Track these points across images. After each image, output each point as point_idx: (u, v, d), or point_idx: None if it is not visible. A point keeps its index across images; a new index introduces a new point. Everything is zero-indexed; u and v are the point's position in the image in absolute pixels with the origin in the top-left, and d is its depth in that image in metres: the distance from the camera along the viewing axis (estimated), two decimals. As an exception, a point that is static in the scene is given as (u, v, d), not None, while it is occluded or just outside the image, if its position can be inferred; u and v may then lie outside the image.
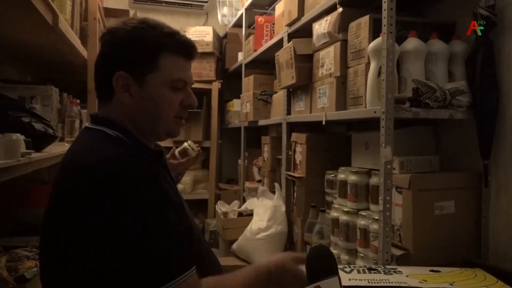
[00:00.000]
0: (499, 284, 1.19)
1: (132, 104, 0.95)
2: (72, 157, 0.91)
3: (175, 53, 0.98)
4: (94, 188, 0.82)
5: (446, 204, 1.52)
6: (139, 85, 0.95)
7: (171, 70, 0.97)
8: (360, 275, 1.27)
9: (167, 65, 0.96)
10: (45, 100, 1.92)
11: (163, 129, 1.01)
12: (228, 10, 4.02)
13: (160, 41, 0.96)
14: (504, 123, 1.50)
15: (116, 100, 0.96)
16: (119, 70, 0.94)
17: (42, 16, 1.25)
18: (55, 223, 0.86)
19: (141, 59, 0.95)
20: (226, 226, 2.73)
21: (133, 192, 0.82)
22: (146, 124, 0.99)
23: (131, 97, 0.95)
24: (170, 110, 0.99)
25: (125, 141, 0.94)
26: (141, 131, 0.99)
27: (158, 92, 0.96)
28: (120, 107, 0.96)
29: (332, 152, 2.21)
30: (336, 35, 1.83)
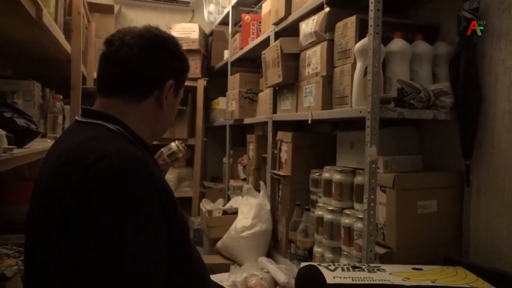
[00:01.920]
0: (479, 281, 1.22)
1: (163, 111, 1.04)
2: (76, 149, 0.87)
3: (188, 73, 1.13)
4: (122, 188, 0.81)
5: (428, 203, 1.55)
6: (175, 95, 1.07)
7: (183, 82, 1.11)
8: (344, 273, 1.28)
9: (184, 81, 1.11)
10: (27, 95, 1.89)
11: (162, 134, 1.12)
12: (215, 8, 4.00)
13: (187, 61, 1.11)
14: (485, 124, 1.53)
15: (147, 103, 1.00)
16: (170, 79, 1.02)
17: (25, 10, 1.22)
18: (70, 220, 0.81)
19: (184, 74, 1.10)
20: (211, 224, 2.72)
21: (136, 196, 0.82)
22: (161, 127, 1.09)
23: (165, 104, 1.03)
24: (174, 118, 1.14)
25: (126, 136, 0.95)
26: (152, 133, 1.06)
27: (177, 104, 1.12)
28: (148, 110, 1.01)
29: (318, 151, 2.22)
30: (323, 34, 1.84)
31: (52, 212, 0.83)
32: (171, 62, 1.03)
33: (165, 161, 1.86)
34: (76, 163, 0.84)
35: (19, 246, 1.62)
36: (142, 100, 1.00)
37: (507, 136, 1.45)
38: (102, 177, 0.80)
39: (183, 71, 1.08)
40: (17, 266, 1.44)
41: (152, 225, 0.83)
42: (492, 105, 1.51)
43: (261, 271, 2.08)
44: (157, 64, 1.01)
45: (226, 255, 2.50)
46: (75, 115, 2.19)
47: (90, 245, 0.78)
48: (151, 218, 0.83)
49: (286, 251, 2.24)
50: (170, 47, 1.04)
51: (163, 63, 1.01)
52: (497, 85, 1.49)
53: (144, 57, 0.99)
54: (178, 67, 1.06)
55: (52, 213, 0.83)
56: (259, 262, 2.18)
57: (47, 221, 0.84)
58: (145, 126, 1.01)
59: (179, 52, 1.07)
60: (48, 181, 0.87)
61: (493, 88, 1.51)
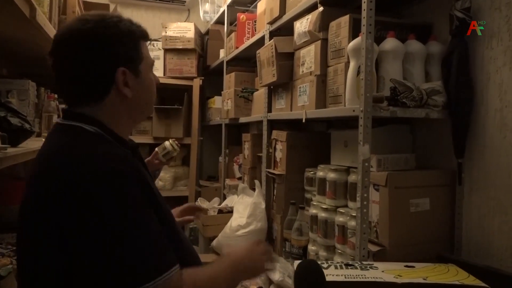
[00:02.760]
0: (470, 278, 1.23)
1: (132, 96, 0.99)
2: (52, 154, 0.90)
3: (144, 39, 1.05)
4: (79, 186, 0.82)
5: (421, 201, 1.56)
6: (135, 76, 1.00)
7: (148, 55, 1.05)
8: (337, 271, 1.29)
9: (145, 51, 1.04)
10: (21, 94, 1.89)
11: (151, 109, 1.10)
12: (210, 7, 4.00)
13: (136, 31, 1.01)
14: (477, 122, 1.55)
15: (111, 98, 0.97)
16: (119, 67, 0.96)
17: (19, 9, 1.23)
18: (38, 220, 0.85)
19: (134, 52, 1.00)
20: (206, 223, 2.73)
21: (118, 191, 0.84)
22: (139, 111, 1.06)
23: (130, 90, 0.99)
24: (155, 90, 1.08)
25: (104, 136, 0.95)
26: (131, 121, 1.05)
27: (148, 78, 1.04)
28: (115, 104, 0.98)
29: (312, 150, 2.23)
30: (316, 34, 1.85)
31: (31, 211, 0.87)
32: (106, 53, 0.95)
33: (160, 160, 1.87)
34: (45, 169, 0.88)
35: (13, 245, 1.63)
36: (104, 96, 0.97)
37: (499, 135, 1.46)
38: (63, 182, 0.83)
39: (129, 47, 0.98)
40: (11, 265, 1.45)
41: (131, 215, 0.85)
42: (484, 103, 1.52)
43: (256, 269, 2.09)
44: (92, 66, 0.94)
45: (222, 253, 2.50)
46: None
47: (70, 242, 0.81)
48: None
49: (281, 249, 2.25)
50: (99, 39, 0.94)
51: (98, 60, 0.94)
52: (488, 83, 1.51)
53: (74, 61, 0.95)
54: (120, 50, 0.96)
55: (32, 213, 0.86)
56: (254, 261, 2.19)
57: (29, 225, 0.87)
58: (122, 117, 1.00)
59: (117, 32, 0.96)
60: (27, 185, 0.91)
61: (484, 87, 1.52)
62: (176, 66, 3.85)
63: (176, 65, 3.84)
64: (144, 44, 1.04)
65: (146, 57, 1.03)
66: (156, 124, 3.82)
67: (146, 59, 1.03)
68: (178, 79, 3.85)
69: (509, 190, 1.43)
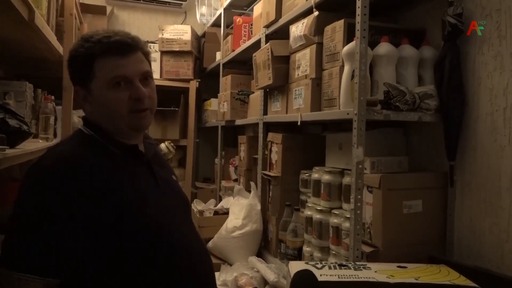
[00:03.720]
0: (461, 279, 1.25)
1: (92, 111, 1.09)
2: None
3: (107, 55, 1.04)
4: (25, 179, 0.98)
5: (414, 203, 1.58)
6: (89, 94, 1.07)
7: (105, 72, 1.04)
8: (331, 271, 1.31)
9: (101, 68, 1.04)
10: (19, 96, 1.90)
11: (124, 126, 1.07)
12: (207, 10, 4.02)
13: (91, 50, 1.04)
14: (469, 126, 1.57)
15: (86, 109, 1.12)
16: (75, 85, 1.10)
17: (18, 12, 1.24)
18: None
19: (80, 73, 1.07)
20: (202, 225, 2.74)
21: (38, 189, 0.95)
22: (108, 125, 1.08)
23: (90, 105, 1.09)
24: (119, 107, 1.05)
25: (95, 137, 1.07)
26: (110, 130, 1.09)
27: (102, 95, 1.05)
28: (88, 111, 1.12)
29: (307, 152, 2.26)
30: (312, 38, 1.88)
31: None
32: (69, 69, 1.12)
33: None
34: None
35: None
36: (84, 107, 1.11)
37: (489, 138, 1.49)
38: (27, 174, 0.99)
39: (80, 68, 1.07)
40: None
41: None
42: (475, 107, 1.55)
43: (251, 270, 2.11)
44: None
45: (217, 255, 2.52)
46: (67, 116, 2.21)
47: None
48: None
49: (276, 250, 2.27)
50: (69, 55, 1.10)
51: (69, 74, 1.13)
52: (480, 88, 1.53)
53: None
54: (73, 70, 1.10)
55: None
56: (249, 262, 2.21)
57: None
58: (103, 125, 1.09)
59: (73, 54, 1.09)
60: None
61: (476, 91, 1.55)
62: (172, 68, 3.86)
63: (172, 67, 3.86)
64: (103, 61, 1.04)
65: (99, 75, 1.04)
66: (152, 125, 3.82)
67: (99, 77, 1.04)
68: (174, 81, 3.87)
69: (500, 192, 1.45)
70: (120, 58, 1.05)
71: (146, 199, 1.04)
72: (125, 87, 1.04)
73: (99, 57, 1.04)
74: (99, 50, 1.04)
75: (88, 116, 1.12)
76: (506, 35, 1.44)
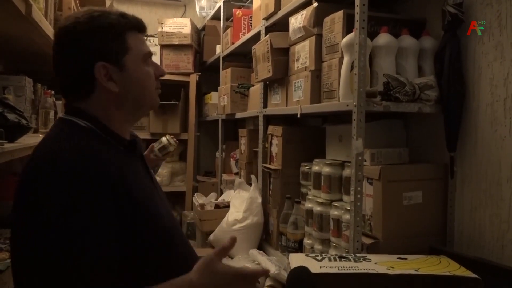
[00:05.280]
0: (461, 269, 1.25)
1: (119, 90, 0.96)
2: (37, 148, 0.91)
3: (135, 30, 1.00)
4: (39, 179, 0.82)
5: (414, 194, 1.58)
6: (120, 70, 0.96)
7: (139, 47, 1.00)
8: (330, 263, 1.31)
9: (134, 43, 0.99)
10: (18, 90, 1.90)
11: (150, 104, 1.04)
12: (206, 3, 4.00)
13: (121, 21, 0.97)
14: (469, 117, 1.57)
15: (98, 93, 0.96)
16: (97, 62, 0.93)
17: (14, 5, 1.23)
18: (14, 213, 0.85)
19: (114, 44, 0.96)
20: (203, 218, 2.75)
21: (66, 193, 0.80)
22: (134, 105, 1.01)
23: (116, 84, 0.96)
24: (152, 82, 1.03)
25: (95, 131, 0.95)
26: (126, 116, 1.01)
27: (138, 70, 0.99)
28: (104, 99, 0.97)
29: (308, 145, 2.25)
30: (311, 29, 1.86)
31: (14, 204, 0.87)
32: (84, 45, 0.94)
33: (157, 155, 1.87)
34: (29, 160, 0.89)
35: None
36: (91, 93, 0.96)
37: (489, 129, 1.48)
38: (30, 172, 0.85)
39: (107, 41, 0.95)
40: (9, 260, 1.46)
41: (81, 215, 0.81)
42: (476, 98, 1.54)
43: (252, 263, 2.12)
44: (71, 61, 0.95)
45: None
46: (66, 110, 2.21)
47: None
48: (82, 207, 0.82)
49: (277, 243, 2.28)
50: (79, 32, 0.94)
51: (76, 55, 0.94)
52: (480, 78, 1.52)
53: (58, 58, 0.97)
54: (97, 43, 0.94)
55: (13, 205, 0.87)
56: (250, 254, 2.22)
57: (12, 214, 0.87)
58: (113, 112, 0.98)
59: (92, 27, 0.95)
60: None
61: (476, 81, 1.54)
62: (172, 62, 3.85)
63: (172, 61, 3.85)
64: (134, 35, 0.99)
65: (135, 48, 0.98)
66: (153, 120, 3.83)
67: (135, 51, 0.98)
68: (174, 75, 3.85)
69: (500, 183, 1.45)
70: (142, 35, 1.03)
71: (151, 193, 1.00)
72: (150, 64, 1.03)
73: (130, 30, 0.98)
74: (129, 23, 0.99)
75: (97, 102, 0.96)
76: (506, 24, 1.43)
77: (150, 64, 1.03)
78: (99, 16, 0.96)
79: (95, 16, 0.95)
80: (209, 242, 2.62)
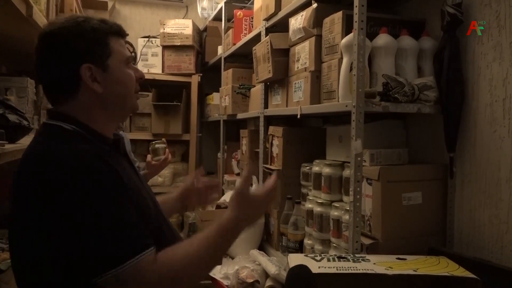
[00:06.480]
0: (460, 270, 1.25)
1: (103, 91, 1.01)
2: (30, 152, 0.96)
3: (116, 35, 1.06)
4: (50, 180, 0.88)
5: (413, 195, 1.58)
6: (104, 71, 1.01)
7: (121, 50, 1.05)
8: (329, 263, 1.32)
9: (116, 46, 1.04)
10: (20, 91, 1.91)
11: (130, 105, 1.09)
12: (208, 4, 4.01)
13: (103, 27, 1.03)
14: (468, 117, 1.57)
15: (82, 94, 1.00)
16: (83, 63, 0.98)
17: (15, 7, 1.25)
18: (20, 215, 0.91)
19: (98, 47, 1.01)
20: (204, 218, 2.76)
21: (85, 183, 0.88)
22: (116, 106, 1.06)
23: (100, 85, 1.00)
24: (132, 84, 1.08)
25: (81, 133, 0.99)
26: (109, 117, 1.06)
27: (121, 72, 1.04)
28: (88, 100, 1.01)
29: (308, 145, 2.26)
30: (311, 30, 1.87)
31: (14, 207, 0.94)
32: (71, 48, 0.99)
33: (154, 161, 1.95)
34: (20, 168, 0.95)
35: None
36: (76, 94, 1.00)
37: (489, 129, 1.48)
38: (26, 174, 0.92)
39: (92, 43, 1.00)
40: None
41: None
42: (475, 98, 1.54)
43: (253, 263, 2.12)
44: (56, 63, 0.99)
45: (220, 248, 2.53)
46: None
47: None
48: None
49: (277, 243, 2.28)
50: (64, 35, 0.99)
51: (62, 57, 0.99)
52: (479, 79, 1.52)
53: (44, 61, 1.01)
54: (82, 46, 0.99)
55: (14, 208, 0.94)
56: (250, 255, 2.22)
57: (14, 216, 0.93)
58: (97, 113, 1.03)
59: (78, 31, 0.99)
60: (13, 180, 0.96)
61: (475, 81, 1.54)
62: (174, 62, 3.86)
63: (174, 61, 3.86)
64: (116, 39, 1.05)
65: (117, 51, 1.03)
66: (155, 120, 3.85)
67: (117, 53, 1.03)
68: (176, 76, 3.87)
69: (499, 183, 1.45)
70: (123, 41, 1.08)
71: (140, 190, 1.06)
72: (131, 67, 1.09)
73: (110, 35, 1.04)
74: (110, 29, 1.04)
75: (80, 103, 1.01)
76: (505, 25, 1.43)
77: (130, 67, 1.08)
78: (83, 21, 1.01)
79: (79, 22, 1.01)
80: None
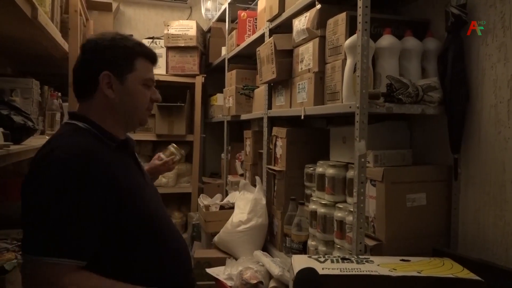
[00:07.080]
0: (465, 272, 1.25)
1: (114, 98, 1.18)
2: (44, 145, 1.11)
3: (146, 58, 1.24)
4: (40, 169, 1.03)
5: (417, 196, 1.58)
6: (120, 83, 1.18)
7: (144, 71, 1.22)
8: (333, 265, 1.31)
9: (140, 67, 1.21)
10: (25, 93, 1.92)
11: (138, 118, 1.25)
12: (212, 5, 4.02)
13: (136, 48, 1.21)
14: (473, 118, 1.56)
15: (98, 96, 1.18)
16: (104, 70, 1.15)
17: (20, 9, 1.26)
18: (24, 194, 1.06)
19: (123, 61, 1.18)
20: (208, 219, 2.76)
21: (62, 181, 1.00)
22: (124, 115, 1.22)
23: (113, 92, 1.17)
24: (144, 102, 1.24)
25: (91, 130, 1.15)
26: (117, 121, 1.21)
27: (135, 88, 1.21)
28: (101, 102, 1.18)
29: (312, 146, 2.25)
30: (314, 31, 1.87)
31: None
32: (99, 56, 1.17)
33: (163, 160, 1.94)
34: (36, 155, 1.10)
35: (18, 241, 1.66)
36: (92, 95, 1.18)
37: (493, 130, 1.48)
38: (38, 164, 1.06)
39: (119, 57, 1.18)
40: (16, 260, 1.48)
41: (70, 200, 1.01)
42: (479, 99, 1.54)
43: (256, 264, 2.12)
44: (85, 65, 1.18)
45: (223, 249, 2.53)
46: (72, 112, 2.24)
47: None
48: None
49: (281, 244, 2.28)
50: (99, 44, 1.18)
51: (91, 61, 1.18)
52: (484, 79, 1.52)
53: (78, 65, 1.20)
54: (109, 57, 1.17)
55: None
56: (254, 256, 2.22)
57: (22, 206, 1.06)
58: (107, 116, 1.19)
59: (110, 44, 1.18)
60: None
61: (480, 82, 1.53)
62: (178, 63, 3.87)
63: (178, 62, 3.87)
64: (143, 62, 1.22)
65: (139, 71, 1.20)
66: (159, 121, 3.86)
67: (138, 73, 1.20)
68: (180, 77, 3.88)
69: (504, 185, 1.44)
70: (151, 65, 1.26)
71: (140, 186, 1.18)
72: (150, 88, 1.25)
73: (141, 57, 1.21)
74: (142, 52, 1.22)
75: (95, 103, 1.17)
76: (510, 25, 1.42)
77: (149, 88, 1.25)
78: (120, 39, 1.20)
79: (116, 38, 1.20)
80: (214, 243, 2.63)
